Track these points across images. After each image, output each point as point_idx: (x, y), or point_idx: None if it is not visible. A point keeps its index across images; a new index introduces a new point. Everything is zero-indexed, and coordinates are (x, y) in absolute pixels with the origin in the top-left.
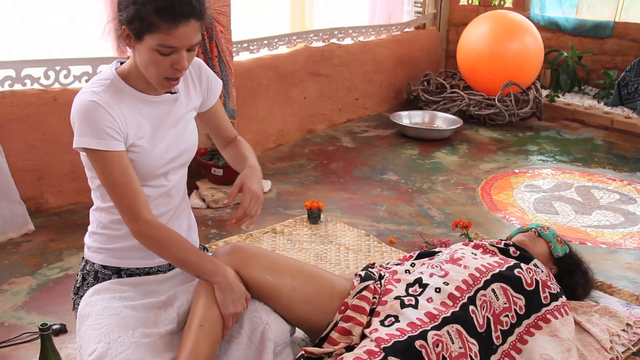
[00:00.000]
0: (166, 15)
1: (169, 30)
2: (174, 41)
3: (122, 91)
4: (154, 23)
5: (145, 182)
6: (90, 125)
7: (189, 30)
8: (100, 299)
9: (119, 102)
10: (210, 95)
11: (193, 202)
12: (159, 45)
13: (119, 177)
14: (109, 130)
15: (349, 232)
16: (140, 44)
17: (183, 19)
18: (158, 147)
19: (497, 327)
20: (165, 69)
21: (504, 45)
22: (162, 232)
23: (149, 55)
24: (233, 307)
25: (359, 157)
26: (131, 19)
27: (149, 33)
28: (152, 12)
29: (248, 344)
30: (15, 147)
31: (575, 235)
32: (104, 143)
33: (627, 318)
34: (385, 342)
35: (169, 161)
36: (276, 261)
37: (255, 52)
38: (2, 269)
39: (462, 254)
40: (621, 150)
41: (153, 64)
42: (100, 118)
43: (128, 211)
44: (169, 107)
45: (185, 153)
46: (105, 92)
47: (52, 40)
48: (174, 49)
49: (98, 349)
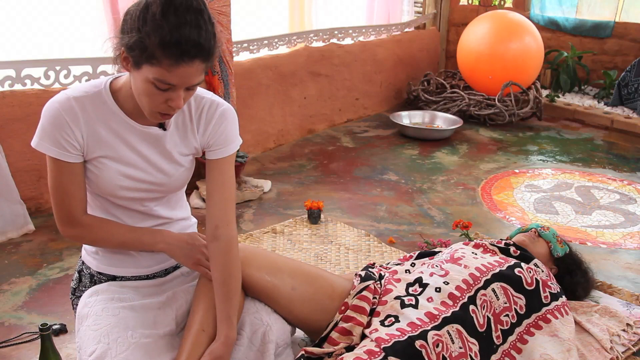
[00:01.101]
0: (170, 51)
1: (170, 67)
2: (174, 79)
3: (106, 107)
4: (156, 56)
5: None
6: (48, 132)
7: (191, 71)
8: (99, 299)
9: (95, 116)
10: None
11: (193, 202)
12: (155, 80)
13: (65, 183)
14: (65, 143)
15: (349, 232)
16: (137, 71)
17: (187, 58)
18: (128, 173)
19: (497, 327)
20: (159, 104)
21: (504, 45)
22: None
23: (144, 85)
24: (186, 260)
25: (359, 157)
26: (132, 46)
27: (149, 65)
28: (156, 45)
29: (249, 345)
30: (15, 147)
31: (575, 235)
32: (58, 152)
33: (627, 318)
34: (385, 342)
35: (140, 190)
36: (275, 261)
37: (255, 52)
38: (2, 269)
39: (463, 253)
40: (621, 150)
41: (147, 96)
42: (59, 129)
43: (62, 215)
44: (154, 142)
45: (163, 191)
46: (84, 100)
47: (52, 40)
48: (172, 86)
49: (97, 349)
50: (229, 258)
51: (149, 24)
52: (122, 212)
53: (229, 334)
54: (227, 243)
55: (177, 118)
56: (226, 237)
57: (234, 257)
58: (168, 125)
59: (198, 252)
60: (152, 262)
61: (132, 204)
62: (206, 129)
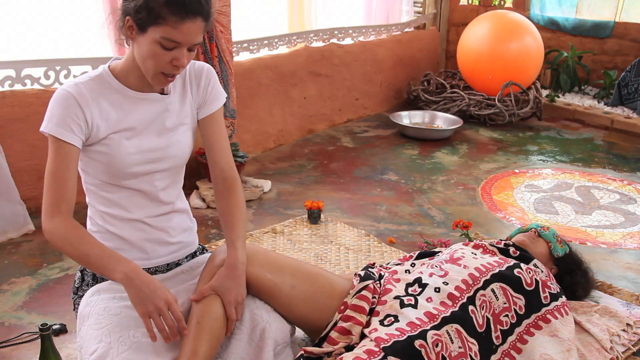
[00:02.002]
0: (176, 8)
1: (176, 24)
2: (179, 36)
3: (108, 85)
4: (162, 15)
5: (125, 180)
6: (56, 113)
7: (194, 28)
8: (101, 298)
9: (101, 94)
10: (209, 99)
11: (193, 202)
12: (162, 38)
13: (59, 167)
14: (71, 122)
15: (349, 232)
16: (142, 35)
17: (192, 15)
18: (132, 144)
19: (496, 327)
20: (164, 64)
21: (504, 45)
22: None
23: (150, 47)
24: (137, 303)
25: (359, 157)
26: (139, 9)
27: (155, 25)
28: (162, 4)
29: (248, 340)
30: (15, 147)
31: (575, 235)
32: (61, 132)
33: (627, 318)
34: (384, 341)
35: (149, 161)
36: (276, 260)
37: (255, 52)
38: (2, 269)
39: (462, 253)
40: (621, 150)
41: (153, 57)
42: (68, 108)
43: (49, 203)
44: (158, 107)
45: (170, 157)
46: (88, 83)
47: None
48: (177, 44)
49: (99, 348)
50: (234, 193)
51: None
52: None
53: (233, 255)
54: (232, 182)
55: (176, 82)
56: (231, 176)
57: (238, 192)
58: (168, 91)
59: (153, 304)
60: (155, 254)
61: (141, 183)
62: (199, 87)
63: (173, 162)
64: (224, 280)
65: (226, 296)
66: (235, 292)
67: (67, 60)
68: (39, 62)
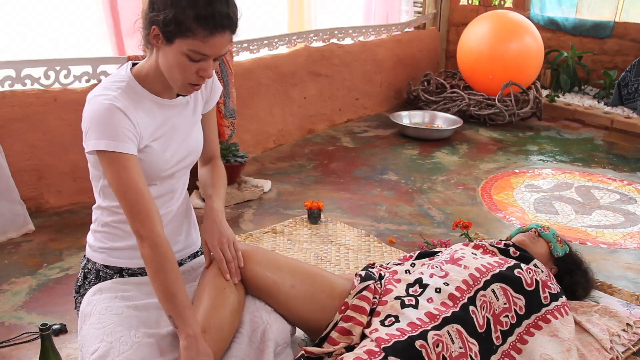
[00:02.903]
0: (206, 23)
1: (205, 38)
2: (207, 49)
3: (139, 94)
4: (192, 29)
5: (152, 182)
6: (109, 128)
7: (223, 41)
8: (103, 298)
9: (136, 105)
10: (211, 98)
11: (193, 202)
12: (190, 51)
13: (134, 180)
14: (128, 132)
15: (349, 232)
16: (168, 46)
17: (221, 29)
18: (168, 149)
19: (497, 328)
20: (190, 75)
21: (504, 45)
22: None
23: (176, 59)
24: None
25: (359, 157)
26: (168, 22)
27: (183, 37)
28: (191, 18)
29: (249, 343)
30: (15, 147)
31: (575, 235)
32: (122, 145)
33: (627, 318)
34: (385, 342)
35: (177, 163)
36: (276, 259)
37: (255, 52)
38: (2, 269)
39: (462, 254)
40: (621, 150)
41: (179, 68)
42: (120, 121)
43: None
44: (180, 110)
45: (191, 154)
46: (122, 95)
47: (52, 40)
48: (205, 56)
49: (100, 348)
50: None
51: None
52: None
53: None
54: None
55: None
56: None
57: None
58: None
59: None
60: None
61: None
62: (206, 85)
63: (194, 158)
64: (205, 229)
65: (210, 241)
66: (218, 235)
67: (67, 60)
68: (39, 62)
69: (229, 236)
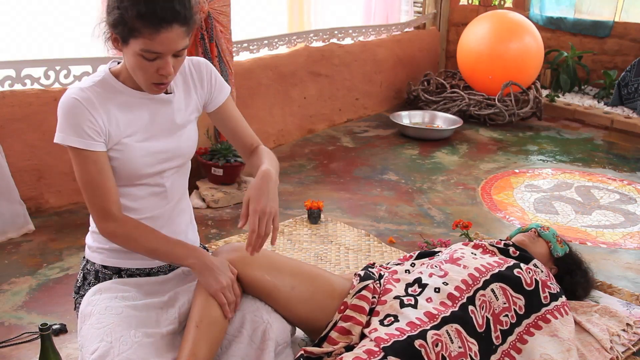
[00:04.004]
0: (148, 20)
1: (152, 35)
2: (157, 47)
3: (113, 88)
4: (137, 28)
5: (136, 180)
6: (71, 123)
7: (172, 36)
8: (102, 298)
9: (108, 99)
10: (215, 93)
11: (193, 202)
12: (142, 51)
13: (94, 176)
14: (88, 129)
15: (349, 232)
16: (126, 47)
17: (165, 24)
18: (149, 146)
19: (496, 327)
20: (151, 74)
21: (504, 45)
22: (129, 227)
23: (134, 59)
24: (216, 283)
25: (359, 157)
26: (116, 23)
27: (133, 38)
28: (134, 17)
29: (249, 343)
30: (15, 147)
31: (575, 235)
32: (84, 142)
33: (627, 318)
34: (384, 341)
35: (161, 161)
36: (275, 261)
37: (255, 52)
38: (2, 269)
39: (462, 254)
40: (621, 150)
41: (139, 69)
42: (81, 116)
43: (97, 210)
44: (165, 107)
45: (180, 155)
46: (93, 88)
47: (52, 40)
48: (158, 54)
49: (100, 348)
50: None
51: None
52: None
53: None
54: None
55: (177, 80)
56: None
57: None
58: (172, 89)
59: (225, 279)
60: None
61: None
62: (202, 82)
63: (182, 159)
64: (254, 188)
65: (254, 205)
66: (265, 202)
67: (67, 60)
68: (39, 62)
69: (273, 209)
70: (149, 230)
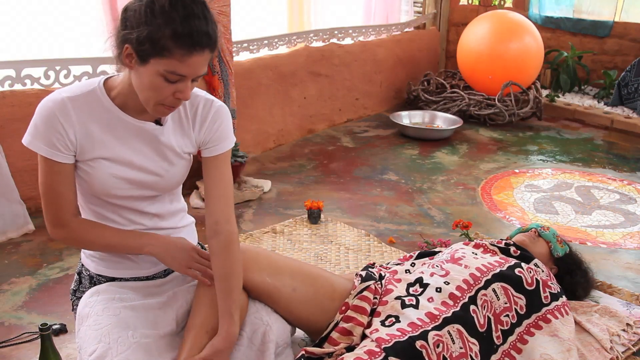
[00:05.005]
0: (183, 42)
1: (183, 57)
2: (185, 70)
3: (101, 104)
4: (168, 48)
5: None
6: (41, 131)
7: (201, 60)
8: (100, 299)
9: (89, 114)
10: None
11: (193, 202)
12: (167, 72)
13: (55, 184)
14: (57, 142)
15: (349, 232)
16: (143, 67)
17: (199, 48)
18: (122, 172)
19: (497, 327)
20: (166, 97)
21: (504, 45)
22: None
23: (151, 80)
24: (175, 263)
25: (359, 157)
26: (142, 40)
27: (159, 57)
28: (168, 37)
29: (249, 345)
30: (15, 147)
31: (575, 235)
32: (50, 152)
33: (627, 318)
34: (385, 342)
35: (133, 188)
36: (276, 262)
37: (255, 52)
38: (2, 269)
39: (463, 253)
40: (621, 150)
41: (154, 90)
42: (52, 129)
43: (50, 216)
44: (150, 138)
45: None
46: (77, 99)
47: (52, 40)
48: (182, 77)
49: (98, 349)
50: (230, 253)
51: (159, 17)
52: (115, 211)
53: (229, 329)
54: (227, 238)
55: (172, 114)
56: (226, 232)
57: (234, 253)
58: (164, 121)
59: (187, 255)
60: (151, 264)
61: (125, 202)
62: (202, 127)
63: (162, 190)
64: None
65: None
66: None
67: (67, 60)
68: (39, 62)
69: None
70: (100, 228)
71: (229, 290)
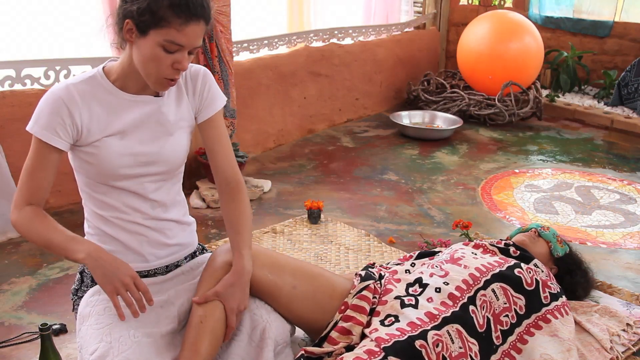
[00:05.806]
0: (181, 11)
1: (180, 26)
2: (183, 39)
3: (101, 86)
4: (166, 18)
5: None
6: (44, 116)
7: (198, 30)
8: (101, 299)
9: (92, 97)
10: (206, 103)
11: (193, 202)
12: (166, 41)
13: (37, 168)
14: (58, 126)
15: (349, 232)
16: (143, 39)
17: (196, 18)
18: (130, 146)
19: (497, 327)
20: (165, 68)
21: (504, 45)
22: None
23: (151, 51)
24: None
25: (359, 157)
26: (142, 12)
27: (158, 28)
28: (166, 7)
29: (249, 341)
30: (15, 147)
31: (575, 235)
32: (46, 135)
33: (627, 318)
34: (385, 341)
35: (140, 164)
36: (277, 260)
37: (255, 52)
38: (2, 269)
39: (462, 253)
40: (621, 150)
41: (154, 61)
42: (56, 112)
43: (17, 196)
44: (150, 110)
45: (162, 161)
46: (79, 85)
47: (52, 40)
48: (180, 47)
49: (99, 348)
50: (239, 198)
51: None
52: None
53: (239, 262)
54: (236, 185)
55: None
56: (234, 180)
57: (243, 198)
58: (162, 93)
59: (119, 280)
60: (152, 257)
61: (131, 184)
62: (195, 91)
63: (165, 166)
64: (229, 287)
65: (229, 303)
66: (239, 300)
67: (67, 60)
68: (39, 62)
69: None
70: (49, 224)
71: (239, 230)
